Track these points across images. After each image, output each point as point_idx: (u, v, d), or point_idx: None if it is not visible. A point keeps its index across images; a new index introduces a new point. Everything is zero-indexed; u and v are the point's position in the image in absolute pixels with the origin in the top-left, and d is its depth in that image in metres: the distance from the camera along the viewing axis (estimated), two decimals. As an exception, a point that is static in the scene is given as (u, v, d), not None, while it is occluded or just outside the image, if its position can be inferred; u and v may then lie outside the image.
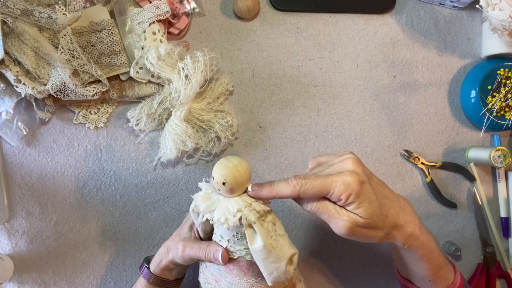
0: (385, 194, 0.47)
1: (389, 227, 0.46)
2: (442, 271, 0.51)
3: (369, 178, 0.45)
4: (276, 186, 0.45)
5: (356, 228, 0.44)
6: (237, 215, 0.43)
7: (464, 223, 0.73)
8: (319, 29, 0.70)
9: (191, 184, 0.66)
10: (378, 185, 0.47)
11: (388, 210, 0.46)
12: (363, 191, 0.43)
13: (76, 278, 0.63)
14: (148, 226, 0.65)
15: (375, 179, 0.48)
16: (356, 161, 0.46)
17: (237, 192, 0.45)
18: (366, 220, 0.44)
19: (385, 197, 0.47)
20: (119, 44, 0.60)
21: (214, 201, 0.46)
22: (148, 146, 0.65)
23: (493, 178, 0.75)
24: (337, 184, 0.43)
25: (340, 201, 0.44)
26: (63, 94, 0.57)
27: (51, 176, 0.63)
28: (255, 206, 0.44)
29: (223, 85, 0.66)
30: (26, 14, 0.55)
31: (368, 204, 0.44)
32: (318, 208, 0.45)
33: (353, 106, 0.70)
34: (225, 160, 0.45)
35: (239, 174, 0.44)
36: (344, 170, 0.45)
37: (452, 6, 0.73)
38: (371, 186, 0.45)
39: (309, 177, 0.44)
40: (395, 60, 0.72)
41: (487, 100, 0.69)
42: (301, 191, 0.44)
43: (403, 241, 0.47)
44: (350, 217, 0.44)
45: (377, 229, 0.45)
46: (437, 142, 0.73)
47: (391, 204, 0.47)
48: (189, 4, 0.65)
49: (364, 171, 0.45)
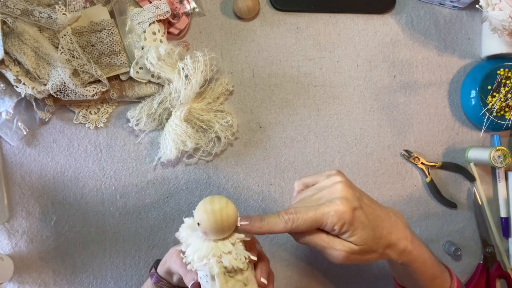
0: (377, 215, 0.47)
1: (383, 248, 0.46)
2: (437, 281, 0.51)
3: (360, 202, 0.45)
4: (266, 221, 0.44)
5: (352, 256, 0.44)
6: (202, 261, 0.41)
7: (464, 223, 0.73)
8: (319, 29, 0.70)
9: (191, 184, 0.66)
10: (369, 207, 0.46)
11: (381, 232, 0.46)
12: (356, 218, 0.43)
13: (76, 278, 0.63)
14: (148, 226, 0.65)
15: (366, 200, 0.47)
16: (346, 185, 0.45)
17: (212, 237, 0.42)
18: (360, 247, 0.44)
19: (377, 218, 0.46)
20: (119, 44, 0.60)
21: (195, 235, 0.44)
22: (148, 146, 0.65)
23: (493, 178, 0.75)
24: (330, 215, 0.42)
25: (334, 231, 0.43)
26: (63, 94, 0.57)
27: (51, 176, 0.63)
28: (225, 259, 0.41)
29: (223, 85, 0.66)
30: (26, 14, 0.55)
31: (362, 230, 0.43)
32: (312, 240, 0.44)
33: (353, 106, 0.70)
34: (209, 201, 0.42)
35: (216, 221, 0.41)
36: (334, 197, 0.44)
37: (452, 6, 0.73)
38: (363, 210, 0.44)
39: (300, 210, 0.43)
40: (395, 60, 0.72)
41: (487, 100, 0.69)
42: (293, 227, 0.43)
43: (397, 257, 0.47)
44: (345, 246, 0.44)
45: (372, 252, 0.45)
46: (437, 142, 0.73)
47: (383, 224, 0.46)
48: (189, 4, 0.65)
49: (354, 195, 0.45)
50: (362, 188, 0.69)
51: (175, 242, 0.65)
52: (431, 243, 0.72)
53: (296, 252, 0.68)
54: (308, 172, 0.69)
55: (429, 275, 0.50)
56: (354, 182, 0.69)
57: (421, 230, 0.72)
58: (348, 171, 0.70)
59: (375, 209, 0.47)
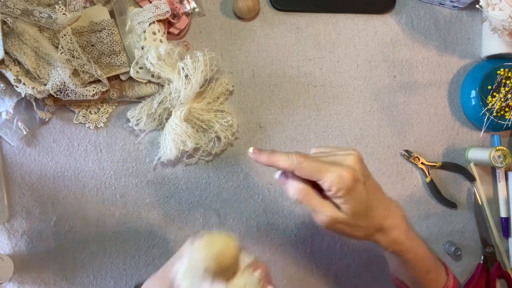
0: (377, 196, 0.47)
1: (373, 229, 0.46)
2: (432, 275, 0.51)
3: (365, 179, 0.45)
4: (275, 155, 0.45)
5: (337, 224, 0.45)
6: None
7: (464, 223, 0.73)
8: (319, 29, 0.70)
9: (191, 184, 0.66)
10: (372, 187, 0.47)
11: (375, 213, 0.46)
12: (355, 189, 0.43)
13: (76, 278, 0.63)
14: (148, 226, 0.65)
15: (372, 182, 0.47)
16: (358, 159, 0.46)
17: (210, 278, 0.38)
18: (348, 218, 0.44)
19: (376, 199, 0.47)
20: (119, 44, 0.60)
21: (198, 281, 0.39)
22: (148, 146, 0.65)
23: (493, 178, 0.75)
24: (333, 174, 0.43)
25: (330, 191, 0.43)
26: (63, 94, 0.57)
27: (51, 176, 0.63)
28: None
29: (223, 85, 0.66)
30: (26, 14, 0.55)
31: (356, 202, 0.44)
32: (306, 196, 0.45)
33: (353, 106, 0.70)
34: (209, 241, 0.38)
35: (219, 262, 0.37)
36: (343, 163, 0.44)
37: (452, 6, 0.73)
38: (365, 186, 0.45)
39: (309, 157, 0.44)
40: (395, 60, 0.72)
41: (487, 100, 0.69)
42: (297, 167, 0.44)
43: (386, 244, 0.48)
44: (333, 212, 0.44)
45: (359, 228, 0.46)
46: (437, 142, 0.73)
47: (379, 207, 0.47)
48: (189, 4, 0.65)
49: (362, 171, 0.45)
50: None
51: (175, 242, 0.65)
52: (431, 243, 0.72)
53: (296, 252, 0.68)
54: (308, 172, 0.69)
55: (422, 268, 0.50)
56: (354, 182, 0.69)
57: (421, 230, 0.72)
58: (348, 171, 0.70)
59: (377, 191, 0.48)
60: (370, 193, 0.46)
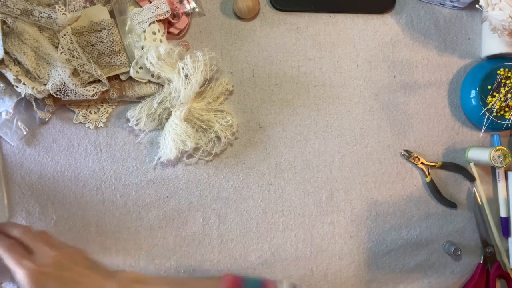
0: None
1: None
2: None
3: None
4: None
5: None
6: None
7: (464, 223, 0.73)
8: (319, 29, 0.70)
9: (191, 184, 0.66)
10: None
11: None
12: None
13: (76, 278, 0.63)
14: (148, 226, 0.65)
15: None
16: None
17: None
18: None
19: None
20: (119, 44, 0.60)
21: None
22: (148, 146, 0.65)
23: (493, 178, 0.75)
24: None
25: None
26: (63, 94, 0.57)
27: (51, 176, 0.63)
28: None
29: (223, 85, 0.66)
30: (26, 14, 0.55)
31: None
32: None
33: (353, 106, 0.70)
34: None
35: None
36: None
37: (452, 6, 0.73)
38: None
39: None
40: (395, 60, 0.72)
41: (487, 100, 0.70)
42: None
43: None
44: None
45: None
46: (437, 142, 0.73)
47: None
48: (189, 4, 0.65)
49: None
50: (362, 188, 0.70)
51: (175, 241, 0.65)
52: (431, 243, 0.72)
53: (296, 252, 0.68)
54: (308, 171, 0.69)
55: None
56: (354, 182, 0.70)
57: (421, 230, 0.72)
58: (348, 171, 0.70)
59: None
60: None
